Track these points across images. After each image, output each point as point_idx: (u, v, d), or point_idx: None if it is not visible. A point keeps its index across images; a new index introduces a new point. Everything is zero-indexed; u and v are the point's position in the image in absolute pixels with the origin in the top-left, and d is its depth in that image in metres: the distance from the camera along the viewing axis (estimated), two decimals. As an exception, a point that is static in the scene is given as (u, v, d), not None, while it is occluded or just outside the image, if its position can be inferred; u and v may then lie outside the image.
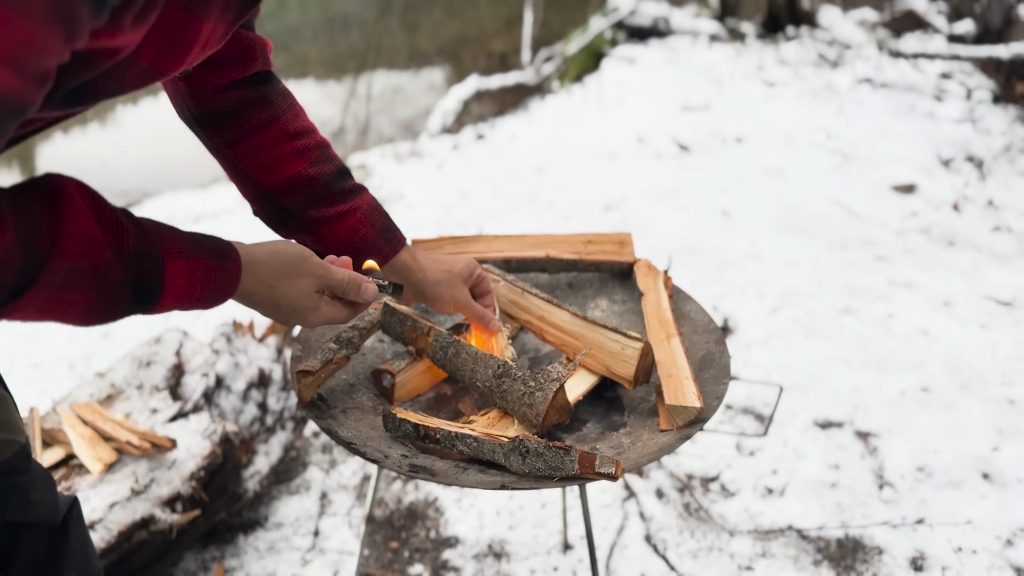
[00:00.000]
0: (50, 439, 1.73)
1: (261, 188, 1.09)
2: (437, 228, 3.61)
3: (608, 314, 1.39)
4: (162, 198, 4.66)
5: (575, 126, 5.03)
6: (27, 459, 0.97)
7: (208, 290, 0.83)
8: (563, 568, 1.80)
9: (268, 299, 0.90)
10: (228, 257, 0.85)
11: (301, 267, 0.91)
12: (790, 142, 4.45)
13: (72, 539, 1.04)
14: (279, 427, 2.09)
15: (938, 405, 2.27)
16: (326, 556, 1.85)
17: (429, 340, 1.17)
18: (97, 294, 0.73)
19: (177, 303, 0.81)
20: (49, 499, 1.01)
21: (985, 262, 3.15)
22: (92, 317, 0.75)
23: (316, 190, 1.09)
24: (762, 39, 6.90)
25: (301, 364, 1.12)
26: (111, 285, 0.74)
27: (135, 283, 0.76)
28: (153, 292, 0.78)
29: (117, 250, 0.73)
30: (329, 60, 8.31)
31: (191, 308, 0.84)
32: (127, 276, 0.75)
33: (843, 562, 1.80)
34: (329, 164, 1.11)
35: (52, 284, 0.69)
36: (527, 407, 1.06)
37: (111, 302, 0.75)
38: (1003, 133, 4.57)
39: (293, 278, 0.90)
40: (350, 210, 1.10)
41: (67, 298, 0.71)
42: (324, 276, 0.93)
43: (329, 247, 1.10)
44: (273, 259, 0.90)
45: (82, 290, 0.72)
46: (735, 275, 3.00)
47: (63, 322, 0.74)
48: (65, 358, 2.69)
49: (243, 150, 1.07)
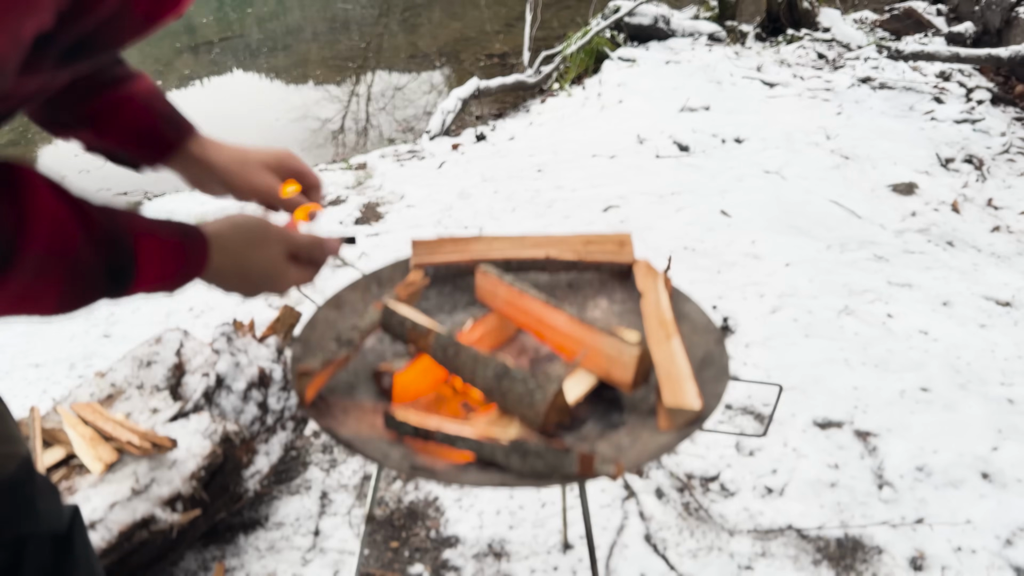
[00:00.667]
0: (50, 439, 1.73)
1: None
2: (437, 228, 3.61)
3: (608, 314, 1.39)
4: (162, 198, 4.67)
5: (575, 126, 5.03)
6: (30, 470, 0.96)
7: (180, 268, 0.81)
8: (563, 568, 1.80)
9: (237, 273, 0.88)
10: (194, 234, 0.83)
11: (266, 234, 0.90)
12: (790, 142, 4.46)
13: (77, 548, 1.03)
14: (280, 427, 2.10)
15: (937, 405, 2.27)
16: (326, 556, 1.85)
17: (430, 341, 1.17)
18: (70, 278, 0.70)
19: (149, 284, 0.78)
20: (54, 508, 1.00)
21: (984, 262, 3.16)
22: (64, 304, 0.72)
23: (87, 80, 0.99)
24: (762, 40, 6.91)
25: (301, 364, 1.12)
26: (84, 268, 0.71)
27: (108, 264, 0.73)
28: (126, 273, 0.75)
29: (87, 232, 0.70)
30: (329, 60, 8.31)
31: (160, 290, 0.81)
32: (99, 259, 0.72)
33: (843, 562, 1.80)
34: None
35: (25, 272, 0.66)
36: (527, 407, 1.06)
37: (83, 287, 0.72)
38: (1002, 133, 4.57)
39: (260, 247, 0.89)
40: (126, 97, 1.01)
41: (40, 286, 0.68)
42: (289, 239, 0.92)
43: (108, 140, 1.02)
44: (236, 231, 0.88)
45: (56, 274, 0.69)
46: (734, 275, 3.01)
47: (34, 312, 0.71)
48: (65, 358, 2.69)
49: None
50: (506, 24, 8.78)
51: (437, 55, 8.21)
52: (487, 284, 1.34)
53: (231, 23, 10.60)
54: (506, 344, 1.36)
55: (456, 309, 1.42)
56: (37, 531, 0.96)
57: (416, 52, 8.45)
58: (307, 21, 10.72)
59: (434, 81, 7.56)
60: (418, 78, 7.66)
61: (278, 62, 8.52)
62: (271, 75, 8.05)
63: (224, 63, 8.33)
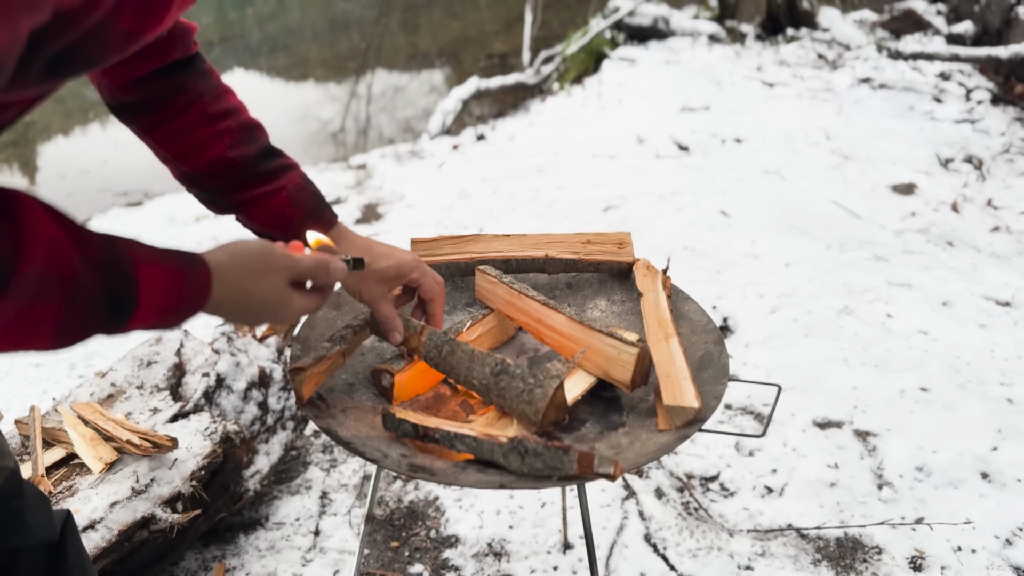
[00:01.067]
0: (51, 439, 1.73)
1: (184, 172, 1.07)
2: (437, 228, 3.61)
3: (607, 314, 1.40)
4: (163, 199, 4.67)
5: (575, 126, 5.03)
6: (18, 484, 0.96)
7: (182, 299, 0.78)
8: (563, 567, 1.80)
9: (239, 303, 0.85)
10: (196, 263, 0.80)
11: (267, 263, 0.87)
12: (789, 142, 4.46)
13: (69, 555, 1.03)
14: (280, 427, 2.10)
15: (937, 405, 2.27)
16: (326, 555, 1.85)
17: (423, 339, 1.15)
18: (68, 306, 0.68)
19: (151, 315, 0.75)
20: (44, 520, 0.99)
21: (984, 262, 3.16)
22: (62, 335, 0.70)
23: (238, 173, 1.06)
24: (761, 40, 6.91)
25: (293, 362, 1.12)
26: (83, 296, 0.69)
27: (108, 293, 0.71)
28: (127, 303, 0.73)
29: (85, 255, 0.68)
30: (329, 60, 8.31)
31: (161, 324, 0.78)
32: (99, 285, 0.70)
33: (842, 561, 1.80)
34: (251, 145, 1.08)
35: (22, 294, 0.64)
36: (526, 404, 1.06)
37: (83, 316, 0.69)
38: (1002, 133, 4.57)
39: (261, 276, 0.86)
40: (274, 191, 1.08)
41: (38, 312, 0.66)
42: (292, 267, 0.89)
43: (256, 225, 1.10)
44: (236, 260, 0.84)
45: (53, 302, 0.66)
46: (734, 275, 3.01)
47: (29, 345, 0.68)
48: (66, 358, 2.70)
49: (162, 136, 1.05)
50: (506, 24, 8.79)
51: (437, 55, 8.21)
52: (486, 284, 1.34)
53: (231, 23, 10.60)
54: (506, 344, 1.36)
55: (456, 309, 1.42)
56: (27, 544, 0.96)
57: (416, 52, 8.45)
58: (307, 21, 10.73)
59: (434, 81, 7.57)
60: (418, 78, 7.67)
61: (278, 62, 8.53)
62: (271, 75, 8.06)
63: (224, 63, 8.33)
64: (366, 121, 6.54)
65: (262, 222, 1.10)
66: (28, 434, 1.73)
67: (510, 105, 6.23)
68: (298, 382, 1.09)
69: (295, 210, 1.09)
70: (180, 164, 1.07)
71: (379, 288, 1.11)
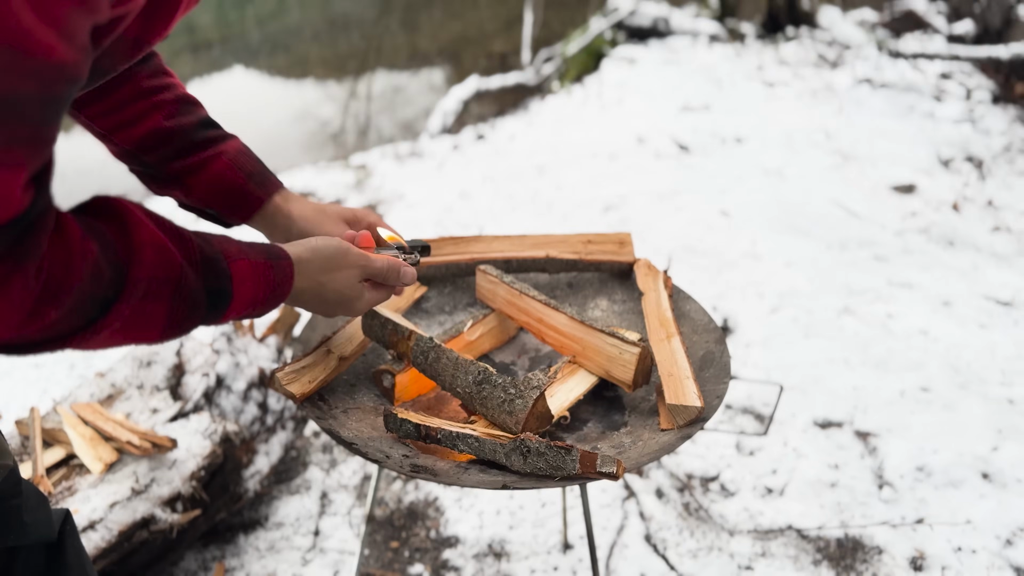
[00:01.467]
0: (51, 439, 1.73)
1: (122, 148, 1.06)
2: (437, 228, 3.61)
3: (608, 314, 1.39)
4: (163, 199, 4.66)
5: (575, 126, 5.03)
6: (17, 482, 0.95)
7: (270, 290, 0.85)
8: (563, 568, 1.80)
9: (316, 295, 0.93)
10: (280, 256, 0.87)
11: (343, 260, 0.94)
12: (789, 142, 4.46)
13: (68, 555, 1.02)
14: (279, 427, 2.09)
15: (937, 405, 2.27)
16: (326, 556, 1.85)
17: (410, 344, 1.15)
18: (175, 302, 0.74)
19: (244, 306, 0.83)
20: (43, 518, 0.99)
21: (984, 262, 3.16)
22: (170, 329, 0.76)
23: (175, 142, 1.04)
24: (762, 39, 6.91)
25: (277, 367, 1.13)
26: (187, 292, 0.75)
27: (207, 287, 0.78)
28: (224, 296, 0.80)
29: (186, 256, 0.75)
30: (329, 60, 8.32)
31: (252, 313, 0.85)
32: (200, 282, 0.77)
33: (843, 562, 1.80)
34: (188, 116, 1.06)
35: (135, 295, 0.70)
36: (507, 414, 1.05)
37: (188, 310, 0.76)
38: (1002, 133, 4.57)
39: (337, 271, 0.93)
40: (214, 155, 1.05)
41: (148, 309, 0.72)
42: (366, 266, 0.96)
43: (197, 197, 1.06)
44: (316, 255, 0.92)
45: (162, 299, 0.73)
46: (735, 275, 3.00)
47: (141, 339, 0.74)
48: (66, 358, 2.69)
49: (96, 111, 1.04)
50: (506, 24, 8.79)
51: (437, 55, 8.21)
52: (487, 284, 1.34)
53: (231, 23, 10.60)
54: (507, 344, 1.36)
55: (456, 309, 1.42)
56: (24, 543, 0.96)
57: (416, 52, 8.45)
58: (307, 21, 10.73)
59: (434, 81, 7.57)
60: (418, 78, 7.67)
61: (278, 62, 8.52)
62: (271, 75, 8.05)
63: (224, 63, 8.33)
64: (366, 121, 6.54)
65: (203, 193, 1.06)
66: (28, 434, 1.73)
67: (510, 105, 6.23)
68: (278, 384, 1.09)
69: (237, 173, 1.06)
70: (116, 139, 1.05)
71: (337, 228, 1.11)
